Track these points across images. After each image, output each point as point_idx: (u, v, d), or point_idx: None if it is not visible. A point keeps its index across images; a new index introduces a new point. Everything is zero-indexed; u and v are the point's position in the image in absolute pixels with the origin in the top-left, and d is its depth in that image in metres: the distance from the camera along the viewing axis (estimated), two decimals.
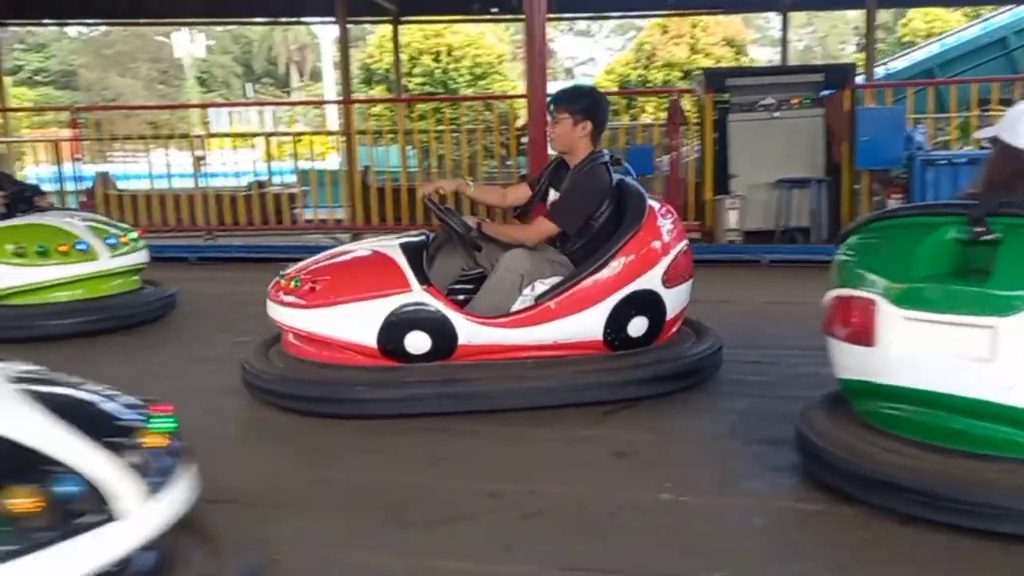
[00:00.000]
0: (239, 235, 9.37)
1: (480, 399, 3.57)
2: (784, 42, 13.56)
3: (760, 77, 8.93)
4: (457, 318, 3.63)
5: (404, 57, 16.70)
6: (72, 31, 35.19)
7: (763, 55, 31.21)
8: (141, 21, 15.55)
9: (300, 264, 3.95)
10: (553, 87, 8.51)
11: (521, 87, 21.95)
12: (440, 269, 3.99)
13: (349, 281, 3.73)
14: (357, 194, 9.49)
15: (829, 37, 37.31)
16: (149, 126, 10.30)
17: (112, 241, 5.60)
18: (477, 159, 9.40)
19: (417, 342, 3.62)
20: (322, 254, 4.03)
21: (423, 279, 3.66)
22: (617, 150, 9.61)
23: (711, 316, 5.42)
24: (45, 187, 10.20)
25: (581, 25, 36.33)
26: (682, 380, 3.81)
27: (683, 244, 3.94)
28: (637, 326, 3.79)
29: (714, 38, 21.38)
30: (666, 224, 3.89)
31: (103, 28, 31.89)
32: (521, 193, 4.22)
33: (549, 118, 4.02)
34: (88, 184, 9.69)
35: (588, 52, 41.16)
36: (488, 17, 14.65)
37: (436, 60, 20.18)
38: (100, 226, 5.78)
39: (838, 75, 8.53)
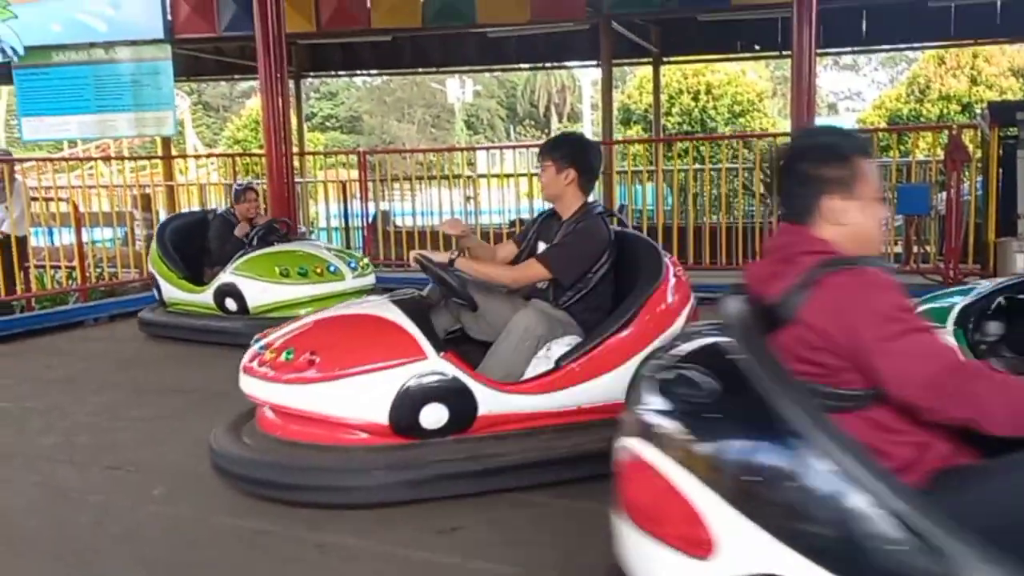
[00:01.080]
0: None
1: (508, 475, 3.24)
2: None
3: None
4: (478, 386, 3.26)
5: (663, 97, 16.83)
6: (359, 81, 38.69)
7: None
8: (420, 71, 16.87)
9: (280, 332, 3.51)
10: (818, 123, 8.31)
11: (780, 124, 21.40)
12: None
13: (354, 351, 3.30)
14: None
15: None
16: (424, 167, 11.10)
17: (352, 264, 6.53)
18: (737, 197, 9.29)
19: (433, 415, 3.22)
20: (303, 321, 3.61)
21: (438, 344, 3.29)
22: (888, 186, 9.16)
23: None
24: (332, 223, 11.36)
25: (846, 59, 34.81)
26: None
27: (694, 298, 3.68)
28: None
29: (998, 68, 19.73)
30: (679, 277, 3.64)
31: (385, 77, 34.72)
32: (509, 250, 3.90)
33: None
34: (369, 220, 10.61)
35: (853, 86, 39.36)
36: (751, 55, 14.48)
37: (695, 99, 20.15)
38: (340, 252, 6.77)
39: None
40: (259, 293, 6.20)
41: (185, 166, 15.18)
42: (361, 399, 3.20)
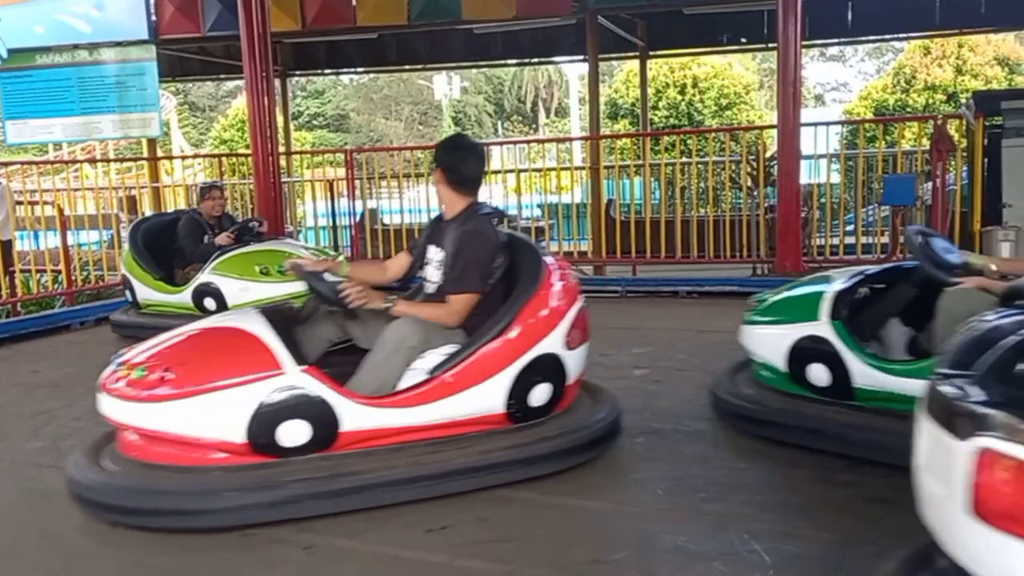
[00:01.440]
0: None
1: (372, 493, 3.10)
2: None
3: None
4: (340, 401, 3.11)
5: (650, 91, 16.84)
6: (345, 79, 38.60)
7: None
8: (406, 68, 16.83)
9: (141, 347, 3.34)
10: (803, 115, 8.33)
11: (768, 116, 21.44)
12: (306, 341, 3.51)
13: (208, 366, 3.14)
14: (602, 227, 9.70)
15: None
16: (412, 164, 11.08)
17: None
18: (724, 190, 9.32)
19: (294, 433, 3.08)
20: (168, 334, 3.44)
21: (300, 358, 3.16)
22: (874, 177, 9.19)
23: None
24: (320, 222, 11.33)
25: (833, 49, 34.91)
26: (594, 448, 3.49)
27: (581, 302, 3.56)
28: (540, 394, 3.38)
29: (983, 57, 19.83)
30: (564, 281, 3.51)
31: (371, 74, 34.65)
32: (402, 262, 3.81)
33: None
34: (357, 219, 10.59)
35: (840, 77, 39.50)
36: (737, 48, 14.50)
37: (681, 93, 20.17)
38: (317, 251, 6.89)
39: None
40: (239, 292, 6.22)
41: (171, 167, 15.11)
42: (216, 417, 3.06)
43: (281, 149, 13.27)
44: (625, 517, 3.07)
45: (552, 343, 3.38)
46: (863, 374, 3.43)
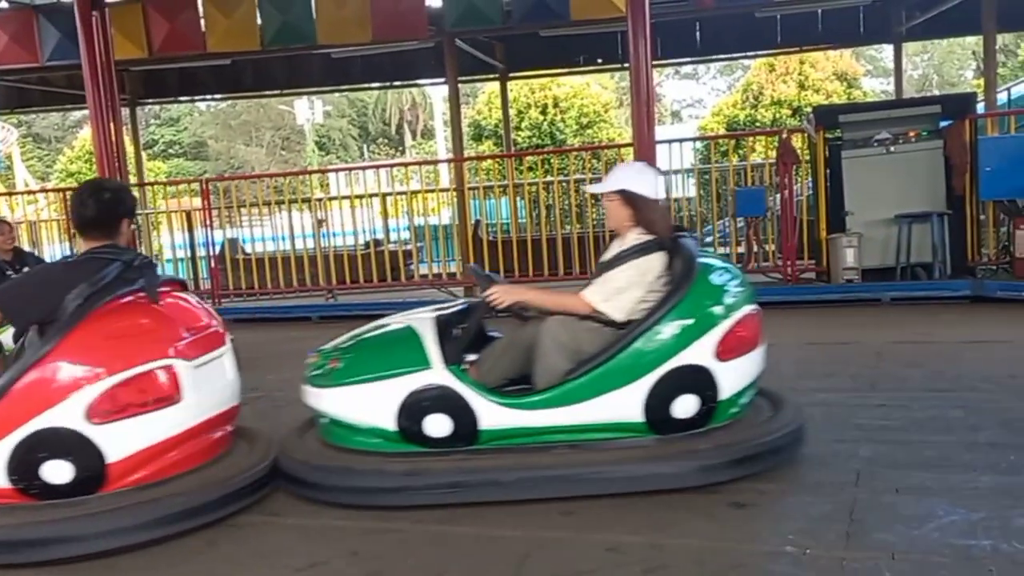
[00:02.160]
0: (358, 293, 9.70)
1: None
2: (898, 72, 13.26)
3: (874, 112, 8.71)
4: None
5: (512, 112, 17.06)
6: (202, 105, 37.46)
7: (875, 86, 30.48)
8: (266, 93, 16.46)
9: None
10: (660, 132, 8.61)
11: (627, 133, 22.04)
12: None
13: None
14: (469, 248, 9.72)
15: (945, 64, 36.15)
16: (273, 191, 10.81)
17: None
18: (587, 207, 9.50)
19: None
20: None
21: None
22: (727, 190, 9.56)
23: (832, 359, 5.30)
24: (179, 253, 10.91)
25: (687, 68, 36.34)
26: (127, 535, 2.88)
27: (159, 363, 3.02)
28: (54, 473, 2.89)
29: (823, 73, 21.00)
30: (125, 333, 3.04)
31: (229, 101, 33.73)
32: None
33: None
34: (217, 249, 10.24)
35: (695, 94, 41.09)
36: (593, 68, 14.85)
37: (543, 113, 20.51)
38: None
39: (957, 105, 8.28)
40: None
41: (13, 203, 14.23)
42: None
43: (134, 180, 12.76)
44: (503, 543, 3.04)
45: (64, 416, 2.87)
46: (491, 415, 3.30)
